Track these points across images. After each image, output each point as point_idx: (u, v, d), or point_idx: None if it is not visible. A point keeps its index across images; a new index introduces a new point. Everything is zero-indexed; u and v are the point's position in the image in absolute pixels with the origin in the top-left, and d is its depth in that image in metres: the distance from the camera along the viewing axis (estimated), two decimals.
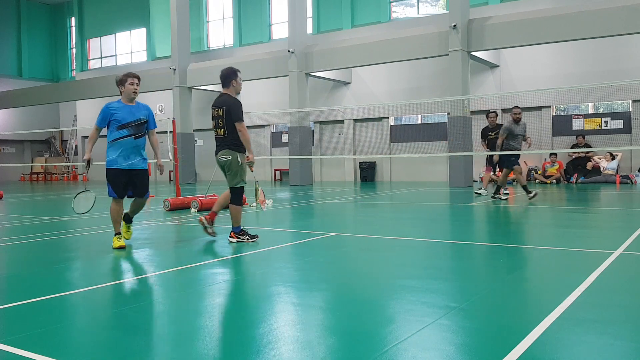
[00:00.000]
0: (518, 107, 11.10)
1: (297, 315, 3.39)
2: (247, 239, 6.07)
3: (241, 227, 6.16)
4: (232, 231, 6.16)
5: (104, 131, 6.04)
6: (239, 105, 6.07)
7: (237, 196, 6.14)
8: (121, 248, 5.84)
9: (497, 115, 12.67)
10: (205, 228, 6.37)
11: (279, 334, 3.02)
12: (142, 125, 6.03)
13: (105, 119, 5.88)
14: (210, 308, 3.59)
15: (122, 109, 5.93)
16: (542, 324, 2.98)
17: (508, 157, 11.01)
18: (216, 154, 6.21)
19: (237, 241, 6.07)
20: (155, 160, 6.37)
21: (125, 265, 5.01)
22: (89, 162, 6.03)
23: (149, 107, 6.38)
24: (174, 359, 2.62)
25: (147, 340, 2.91)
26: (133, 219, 6.39)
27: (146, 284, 4.26)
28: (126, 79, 6.00)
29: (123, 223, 6.19)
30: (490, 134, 12.34)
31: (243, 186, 6.17)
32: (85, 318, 3.44)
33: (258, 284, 4.19)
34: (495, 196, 11.21)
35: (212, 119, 6.24)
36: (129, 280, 4.40)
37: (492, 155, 12.22)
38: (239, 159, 6.07)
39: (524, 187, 10.92)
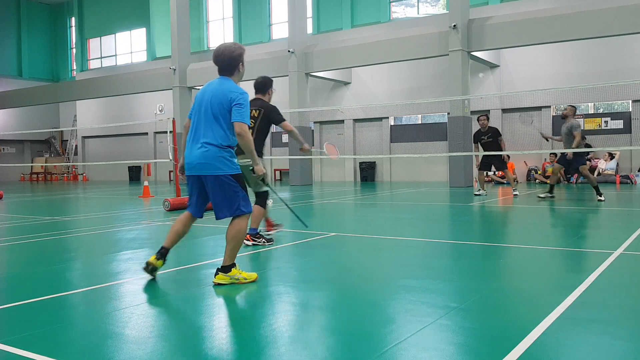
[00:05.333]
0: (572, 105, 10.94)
1: (297, 315, 3.39)
2: (264, 242, 5.97)
3: (258, 230, 6.06)
4: (248, 233, 5.93)
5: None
6: (277, 110, 6.14)
7: (262, 199, 6.11)
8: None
9: (488, 118, 12.17)
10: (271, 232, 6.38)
11: (279, 333, 3.02)
12: None
13: None
14: (210, 308, 3.59)
15: None
16: (542, 324, 2.98)
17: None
18: (237, 155, 6.18)
19: (253, 244, 5.92)
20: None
21: (125, 266, 5.01)
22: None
23: None
24: (174, 359, 2.62)
25: (147, 341, 2.90)
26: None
27: (146, 284, 4.26)
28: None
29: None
30: (483, 137, 12.07)
31: (267, 190, 6.10)
32: (85, 318, 3.43)
33: (258, 284, 4.19)
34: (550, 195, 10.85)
35: None
36: (129, 280, 4.40)
37: (486, 156, 12.15)
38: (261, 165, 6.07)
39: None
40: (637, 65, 16.63)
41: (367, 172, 21.08)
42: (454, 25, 15.91)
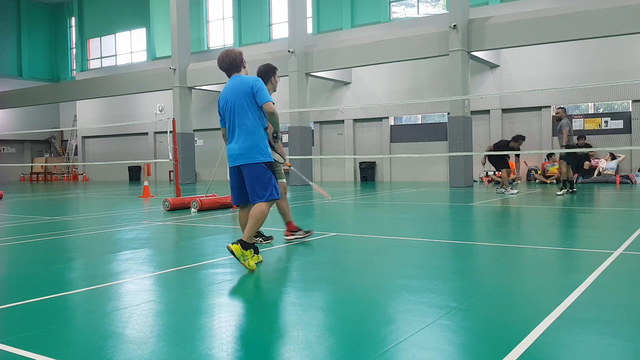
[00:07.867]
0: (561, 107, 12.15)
1: (297, 315, 3.39)
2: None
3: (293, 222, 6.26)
4: (290, 230, 6.18)
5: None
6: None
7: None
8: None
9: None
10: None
11: (279, 333, 3.02)
12: None
13: None
14: (210, 308, 3.59)
15: None
16: (542, 324, 2.98)
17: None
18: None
19: (294, 237, 6.15)
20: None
21: (125, 266, 5.01)
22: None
23: None
24: (174, 359, 2.62)
25: (147, 341, 2.90)
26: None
27: (146, 284, 4.26)
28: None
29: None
30: None
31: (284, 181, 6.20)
32: (85, 318, 3.43)
33: (258, 284, 4.19)
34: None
35: None
36: (129, 280, 4.40)
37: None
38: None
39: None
40: (637, 65, 16.63)
41: (367, 172, 21.08)
42: (454, 25, 15.90)
